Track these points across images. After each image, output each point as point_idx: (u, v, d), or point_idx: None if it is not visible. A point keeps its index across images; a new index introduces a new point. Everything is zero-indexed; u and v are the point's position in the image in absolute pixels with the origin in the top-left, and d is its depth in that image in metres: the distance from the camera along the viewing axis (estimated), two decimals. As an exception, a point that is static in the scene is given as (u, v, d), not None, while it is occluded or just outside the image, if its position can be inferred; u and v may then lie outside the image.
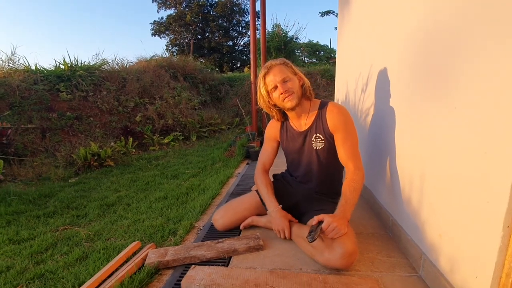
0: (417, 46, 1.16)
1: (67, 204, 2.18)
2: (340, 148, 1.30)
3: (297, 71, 1.34)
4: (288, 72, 1.30)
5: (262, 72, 1.33)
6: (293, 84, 1.29)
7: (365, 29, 1.93)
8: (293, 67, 1.34)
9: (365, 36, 1.92)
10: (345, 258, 1.07)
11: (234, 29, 17.63)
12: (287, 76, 1.29)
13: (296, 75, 1.33)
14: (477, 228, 0.79)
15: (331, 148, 1.33)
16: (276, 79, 1.29)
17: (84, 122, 3.92)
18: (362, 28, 2.00)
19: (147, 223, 1.73)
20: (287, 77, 1.29)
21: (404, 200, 1.28)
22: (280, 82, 1.29)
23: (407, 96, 1.25)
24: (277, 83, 1.29)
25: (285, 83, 1.29)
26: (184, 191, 2.29)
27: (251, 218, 1.51)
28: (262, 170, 1.54)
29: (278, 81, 1.29)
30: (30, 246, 1.54)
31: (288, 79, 1.29)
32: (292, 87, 1.29)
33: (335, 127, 1.30)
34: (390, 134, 1.44)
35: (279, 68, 1.30)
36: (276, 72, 1.29)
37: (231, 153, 3.45)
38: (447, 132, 0.94)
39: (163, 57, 5.82)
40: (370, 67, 1.79)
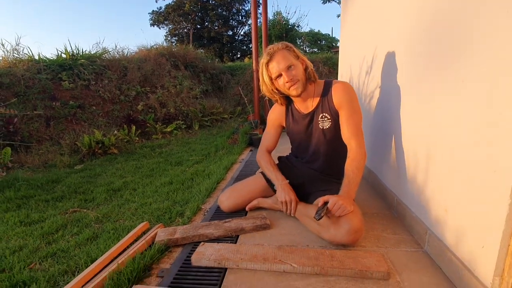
0: (423, 23, 1.15)
1: (75, 189, 2.20)
2: (343, 125, 1.30)
3: (299, 55, 1.30)
4: (291, 57, 1.27)
5: (264, 59, 1.29)
6: (297, 70, 1.27)
7: (370, 11, 1.91)
8: (296, 50, 1.30)
9: (370, 17, 1.90)
10: (351, 234, 1.09)
11: (234, 18, 17.35)
12: (291, 63, 1.25)
13: (299, 59, 1.30)
14: (483, 198, 0.80)
15: (338, 127, 1.34)
16: (280, 67, 1.25)
17: (87, 110, 3.92)
18: (367, 10, 1.97)
19: (154, 206, 1.76)
20: (291, 64, 1.25)
21: (409, 179, 1.29)
22: (285, 70, 1.25)
23: (413, 75, 1.24)
24: (281, 71, 1.26)
25: (289, 71, 1.26)
26: (189, 176, 2.31)
27: (257, 200, 1.53)
28: (265, 151, 1.55)
29: (282, 69, 1.25)
30: (41, 228, 1.57)
31: (292, 66, 1.26)
32: (297, 74, 1.26)
33: (340, 104, 1.30)
34: (395, 115, 1.44)
35: (282, 54, 1.25)
36: (279, 59, 1.25)
37: (234, 140, 3.46)
38: (453, 105, 0.94)
39: (163, 46, 5.76)
40: (374, 49, 1.78)
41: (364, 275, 0.96)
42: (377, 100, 1.75)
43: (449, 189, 0.97)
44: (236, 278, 1.00)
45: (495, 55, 0.75)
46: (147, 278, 1.06)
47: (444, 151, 1.00)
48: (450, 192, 0.97)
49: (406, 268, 1.02)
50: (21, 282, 1.09)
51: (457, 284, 0.91)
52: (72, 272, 1.14)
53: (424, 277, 0.97)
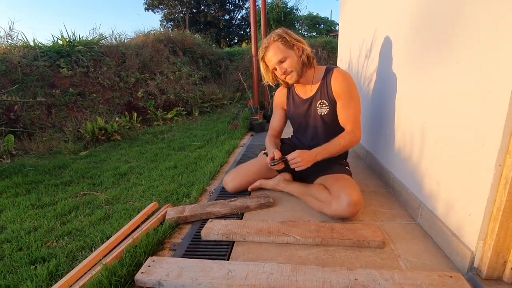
0: (423, 3, 1.18)
1: (82, 174, 2.27)
2: (340, 113, 1.36)
3: (294, 42, 1.30)
4: (284, 48, 1.29)
5: (261, 52, 1.35)
6: (290, 62, 1.30)
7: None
8: (290, 37, 1.30)
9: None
10: (351, 207, 1.17)
11: (230, 1, 16.91)
12: (283, 57, 1.29)
13: (294, 47, 1.31)
14: (472, 170, 0.87)
15: (335, 113, 1.39)
16: (273, 61, 1.31)
17: (87, 98, 3.93)
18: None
19: (161, 188, 1.83)
20: (283, 57, 1.29)
21: (405, 157, 1.36)
22: (277, 64, 1.31)
23: (410, 56, 1.28)
24: (274, 65, 1.33)
25: (281, 65, 1.31)
26: (192, 160, 2.37)
27: (259, 181, 1.60)
28: (271, 134, 1.63)
29: (275, 63, 1.32)
30: (53, 210, 1.64)
31: (284, 59, 1.30)
32: (290, 66, 1.31)
33: (338, 94, 1.34)
34: (392, 96, 1.49)
35: (274, 47, 1.29)
36: (272, 53, 1.30)
37: (235, 126, 3.50)
38: (446, 85, 0.99)
39: (161, 32, 5.69)
40: (374, 31, 1.80)
41: (361, 244, 1.05)
42: (375, 83, 1.80)
43: (442, 163, 1.04)
44: (244, 249, 1.08)
45: (486, 38, 0.80)
46: (161, 251, 1.14)
47: (438, 129, 1.06)
48: (442, 166, 1.04)
49: (400, 238, 1.11)
50: (40, 258, 1.16)
51: (446, 250, 1.00)
52: (89, 248, 1.22)
53: (416, 246, 1.06)
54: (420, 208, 1.20)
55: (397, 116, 1.44)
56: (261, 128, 3.40)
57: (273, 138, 1.62)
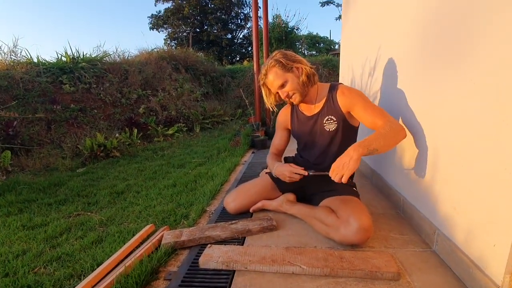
0: (430, 21, 1.15)
1: (77, 192, 2.19)
2: (363, 117, 1.25)
3: (292, 64, 1.27)
4: (283, 73, 1.27)
5: (261, 80, 1.35)
6: (291, 85, 1.29)
7: (373, 10, 1.91)
8: (287, 60, 1.27)
9: (373, 17, 1.90)
10: (361, 233, 1.08)
11: (233, 21, 17.44)
12: (283, 81, 1.28)
13: (293, 69, 1.28)
14: (494, 196, 0.80)
15: (343, 129, 1.34)
16: (274, 87, 1.31)
17: (88, 114, 3.91)
18: (370, 9, 1.98)
19: (159, 208, 1.75)
20: (283, 82, 1.28)
21: (415, 178, 1.29)
22: (278, 89, 1.31)
23: (419, 74, 1.24)
24: (276, 90, 1.32)
25: (283, 89, 1.30)
26: (192, 178, 2.30)
27: (262, 202, 1.53)
28: (272, 152, 1.59)
29: (276, 89, 1.32)
30: (44, 231, 1.56)
31: (284, 83, 1.29)
32: (291, 89, 1.29)
33: (350, 104, 1.28)
34: (398, 115, 1.44)
35: (272, 73, 1.28)
36: (271, 80, 1.30)
37: (236, 142, 3.45)
38: (461, 103, 0.94)
39: (164, 49, 5.78)
40: (378, 49, 1.79)
41: (374, 276, 0.96)
42: (379, 101, 1.76)
43: (458, 186, 0.97)
44: (245, 280, 0.99)
45: (505, 52, 0.76)
46: (155, 281, 1.05)
47: (452, 150, 1.00)
48: (459, 190, 0.97)
49: (416, 268, 1.02)
50: (26, 286, 1.08)
51: (468, 283, 0.91)
52: (78, 276, 1.12)
53: (434, 277, 0.97)
54: (435, 234, 1.12)
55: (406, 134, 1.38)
56: (263, 145, 3.35)
57: (274, 156, 1.58)
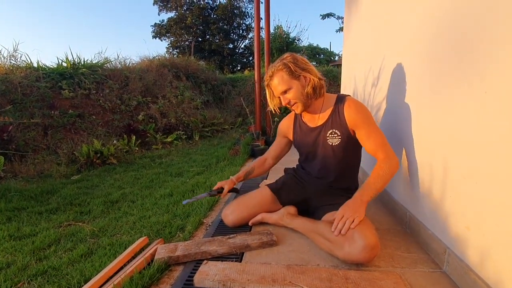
0: (439, 30, 1.12)
1: (70, 200, 2.12)
2: (365, 142, 1.25)
3: (300, 72, 1.23)
4: (288, 79, 1.23)
5: (266, 81, 1.31)
6: (295, 92, 1.24)
7: (376, 20, 1.90)
8: (296, 66, 1.22)
9: (377, 27, 1.88)
10: (367, 251, 1.01)
11: (234, 32, 17.68)
12: (287, 88, 1.24)
13: (300, 77, 1.23)
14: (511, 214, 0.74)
15: (347, 144, 1.29)
16: (277, 91, 1.27)
17: (87, 120, 3.87)
18: (373, 19, 1.96)
19: (154, 219, 1.68)
20: (287, 88, 1.24)
21: (423, 193, 1.23)
22: (281, 95, 1.27)
23: (427, 85, 1.20)
24: (279, 94, 1.28)
25: (285, 95, 1.26)
26: (189, 188, 2.23)
27: (261, 215, 1.46)
28: (262, 158, 1.64)
29: (279, 93, 1.27)
30: (32, 242, 1.48)
31: (288, 89, 1.24)
32: (294, 98, 1.25)
33: (355, 123, 1.24)
34: (406, 126, 1.40)
35: (278, 77, 1.24)
36: (276, 83, 1.26)
37: (235, 151, 3.40)
38: (473, 116, 0.89)
39: (165, 57, 5.79)
40: (382, 59, 1.75)
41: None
42: (384, 112, 1.71)
43: (471, 204, 0.91)
44: (243, 301, 0.91)
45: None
46: (146, 300, 0.97)
47: (464, 164, 0.95)
48: (472, 208, 0.91)
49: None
50: (8, 303, 1.00)
51: (485, 310, 0.84)
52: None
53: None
54: (446, 254, 1.05)
55: (413, 146, 1.33)
56: (263, 155, 3.28)
57: (258, 162, 1.61)
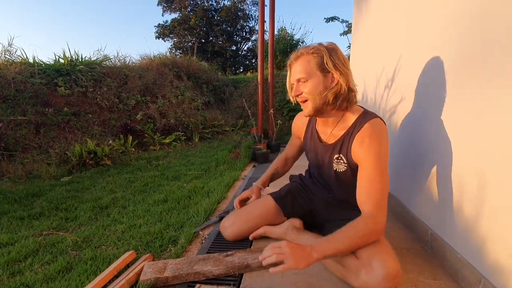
0: (472, 24, 0.96)
1: (56, 205, 1.96)
2: (359, 184, 0.99)
3: (332, 69, 0.97)
4: (313, 68, 0.99)
5: (289, 59, 1.07)
6: (312, 86, 1.00)
7: (390, 18, 1.75)
8: (331, 58, 0.97)
9: (391, 25, 1.73)
10: (388, 281, 0.85)
11: (238, 34, 17.64)
12: (306, 77, 1.01)
13: (329, 73, 0.99)
14: None
15: (355, 172, 1.05)
16: (294, 76, 1.05)
17: (82, 118, 3.72)
18: (386, 17, 1.82)
19: (144, 229, 1.52)
20: (306, 77, 1.01)
21: (449, 210, 1.07)
22: (295, 82, 1.05)
23: (457, 87, 1.05)
24: (293, 80, 1.06)
25: (299, 84, 1.04)
26: (186, 194, 2.08)
27: (263, 228, 1.30)
28: (282, 156, 1.47)
29: (294, 79, 1.05)
30: (7, 253, 1.33)
31: (306, 79, 1.01)
32: (308, 93, 1.01)
33: (359, 160, 1.01)
34: (425, 132, 1.24)
35: (303, 60, 1.01)
36: (297, 65, 1.03)
37: (236, 155, 3.24)
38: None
39: (167, 56, 5.66)
40: (398, 59, 1.60)
41: None
42: (399, 116, 1.56)
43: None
44: None
45: None
46: (124, 334, 0.81)
47: (509, 178, 0.79)
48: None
49: (463, 332, 0.78)
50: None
51: None
52: (30, 320, 0.89)
53: None
54: (481, 284, 0.89)
55: (437, 157, 1.17)
56: (265, 159, 3.13)
57: (279, 162, 1.44)
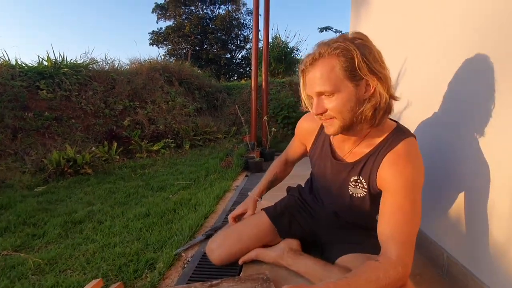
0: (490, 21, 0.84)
1: (24, 219, 1.76)
2: (385, 215, 0.79)
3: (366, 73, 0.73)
4: (341, 75, 0.74)
5: (303, 64, 0.79)
6: (340, 103, 0.75)
7: (394, 14, 1.64)
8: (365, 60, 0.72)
9: (395, 26, 1.62)
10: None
11: (232, 42, 17.72)
12: (332, 88, 0.74)
13: (360, 81, 0.75)
14: None
15: (374, 199, 0.89)
16: (313, 87, 0.77)
17: (64, 123, 3.51)
18: (390, 18, 1.71)
19: (119, 249, 1.33)
20: (332, 91, 0.75)
21: (468, 232, 0.92)
22: (316, 96, 0.78)
23: (474, 94, 0.92)
24: (312, 93, 0.79)
25: (322, 99, 0.77)
26: (171, 206, 1.89)
27: (256, 251, 1.11)
28: (282, 158, 1.24)
29: (313, 92, 0.79)
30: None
31: (333, 93, 0.75)
32: (335, 110, 0.76)
33: (386, 184, 0.81)
34: (438, 142, 1.11)
35: (326, 66, 0.74)
36: (315, 72, 0.76)
37: (228, 163, 3.07)
38: None
39: (157, 61, 5.50)
40: (404, 61, 1.48)
41: None
42: (406, 121, 1.43)
43: None
44: None
45: None
46: None
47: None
48: None
49: None
50: None
51: None
52: None
53: None
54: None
55: (453, 171, 1.03)
56: (258, 168, 2.97)
57: (280, 166, 1.23)
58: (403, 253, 0.74)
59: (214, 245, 1.13)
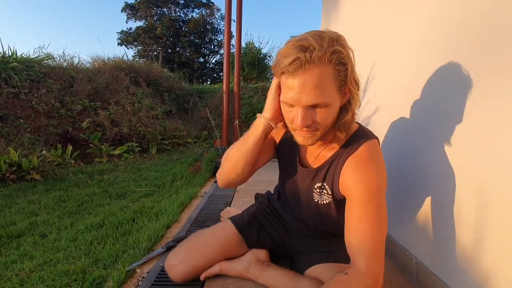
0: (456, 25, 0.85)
1: None
2: (351, 225, 0.74)
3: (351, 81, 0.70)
4: (334, 86, 0.68)
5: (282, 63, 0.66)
6: (327, 114, 0.70)
7: (362, 19, 1.66)
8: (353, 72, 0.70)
9: (364, 28, 1.64)
10: None
11: (206, 47, 17.56)
12: (328, 100, 0.68)
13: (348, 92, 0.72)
14: None
15: (339, 206, 0.85)
16: (302, 99, 0.67)
17: (11, 124, 3.13)
18: (358, 21, 1.73)
19: (62, 267, 1.14)
20: (325, 102, 0.68)
21: (439, 237, 0.91)
22: (304, 108, 0.68)
23: (442, 95, 0.92)
24: (299, 105, 0.69)
25: (310, 111, 0.69)
26: (129, 216, 1.72)
27: (219, 265, 0.99)
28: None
29: (301, 104, 0.68)
30: None
31: (322, 106, 0.68)
32: (322, 121, 0.71)
33: (349, 191, 0.77)
34: (407, 144, 1.10)
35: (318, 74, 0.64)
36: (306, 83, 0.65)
37: (196, 168, 2.93)
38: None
39: (123, 60, 5.19)
40: (371, 67, 1.50)
41: None
42: (375, 126, 1.43)
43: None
44: None
45: None
46: None
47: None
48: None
49: None
50: None
51: None
52: None
53: None
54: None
55: (421, 176, 1.03)
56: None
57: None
58: (372, 263, 0.71)
59: (175, 260, 1.00)
